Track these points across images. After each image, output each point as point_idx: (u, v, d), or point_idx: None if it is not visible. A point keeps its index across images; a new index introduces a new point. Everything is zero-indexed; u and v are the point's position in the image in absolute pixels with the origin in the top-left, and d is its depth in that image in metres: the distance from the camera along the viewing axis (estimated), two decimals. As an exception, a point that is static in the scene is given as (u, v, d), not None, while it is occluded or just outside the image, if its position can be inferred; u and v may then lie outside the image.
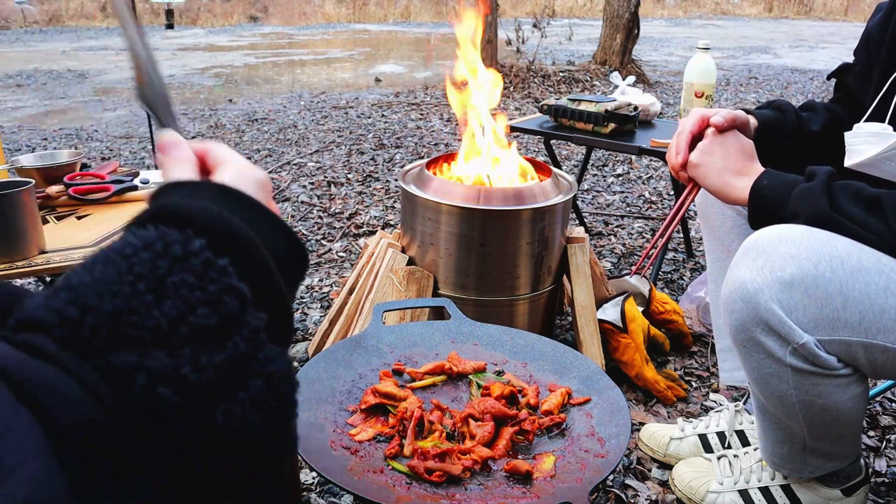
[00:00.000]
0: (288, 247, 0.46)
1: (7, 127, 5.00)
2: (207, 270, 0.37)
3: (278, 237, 0.45)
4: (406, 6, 15.66)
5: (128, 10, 0.55)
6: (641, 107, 2.39)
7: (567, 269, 1.77)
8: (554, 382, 1.04)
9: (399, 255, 1.72)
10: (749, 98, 6.23)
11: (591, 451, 0.89)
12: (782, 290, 0.93)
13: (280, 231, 0.46)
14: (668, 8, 17.58)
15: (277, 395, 0.37)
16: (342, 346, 1.08)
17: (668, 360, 1.90)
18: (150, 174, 1.68)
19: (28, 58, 8.61)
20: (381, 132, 4.68)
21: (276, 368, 0.37)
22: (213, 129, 4.79)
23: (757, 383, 1.05)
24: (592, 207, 3.20)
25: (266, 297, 0.40)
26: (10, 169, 1.66)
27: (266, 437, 0.37)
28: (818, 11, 17.21)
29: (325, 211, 3.12)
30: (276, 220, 0.46)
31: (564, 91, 6.18)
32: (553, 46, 9.35)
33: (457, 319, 1.17)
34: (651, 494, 1.40)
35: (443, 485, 0.83)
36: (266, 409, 0.36)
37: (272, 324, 0.39)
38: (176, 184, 0.46)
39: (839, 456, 1.16)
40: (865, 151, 1.05)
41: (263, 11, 14.74)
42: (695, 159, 1.13)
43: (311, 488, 1.40)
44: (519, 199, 1.60)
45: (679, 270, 2.49)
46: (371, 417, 0.95)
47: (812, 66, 8.54)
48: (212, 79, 7.24)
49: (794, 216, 1.00)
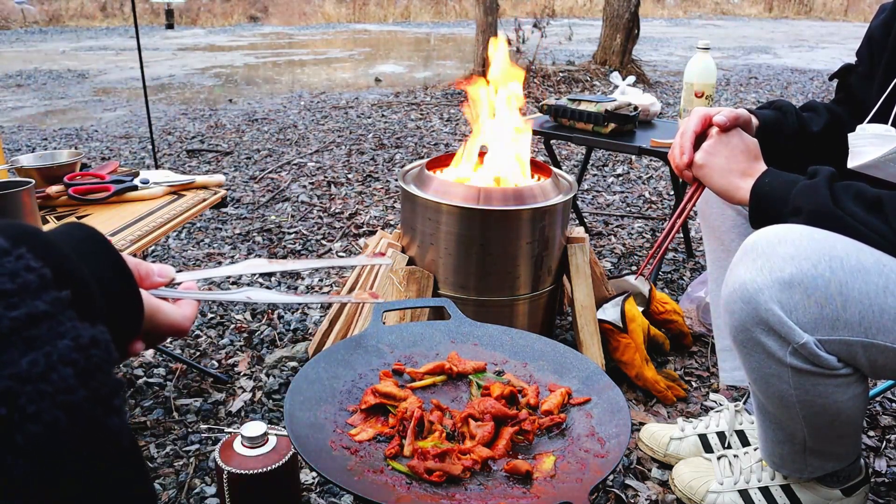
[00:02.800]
0: (119, 281, 0.52)
1: (7, 127, 5.00)
2: (5, 257, 0.41)
3: (107, 266, 0.52)
4: (406, 6, 15.65)
5: None
6: (641, 107, 2.39)
7: (567, 269, 1.77)
8: (554, 382, 1.04)
9: (399, 255, 1.72)
10: (749, 98, 6.23)
11: (591, 451, 0.89)
12: (782, 291, 0.93)
13: (111, 264, 0.52)
14: (668, 8, 17.58)
15: (88, 357, 0.40)
16: (342, 346, 1.08)
17: (668, 360, 1.90)
18: (150, 174, 1.68)
19: (28, 58, 8.61)
20: (381, 132, 4.68)
21: (84, 333, 0.40)
22: (213, 129, 4.79)
23: (757, 383, 1.05)
24: (592, 207, 3.20)
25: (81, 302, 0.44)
26: (10, 169, 1.66)
27: (85, 401, 0.39)
28: (818, 11, 17.20)
29: (325, 211, 3.12)
30: (113, 256, 0.52)
31: (564, 91, 6.18)
32: (553, 46, 9.35)
33: (457, 319, 1.17)
34: (651, 494, 1.40)
35: (443, 485, 0.83)
36: (79, 368, 0.39)
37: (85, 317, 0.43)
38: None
39: (839, 456, 1.16)
40: (869, 153, 1.04)
41: (263, 11, 14.73)
42: (699, 160, 1.13)
43: (311, 488, 1.40)
44: (519, 199, 1.60)
45: (679, 270, 2.49)
46: (371, 417, 0.95)
47: (812, 66, 8.54)
48: (212, 79, 7.24)
49: (795, 212, 1.00)
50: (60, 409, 0.37)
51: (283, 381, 1.78)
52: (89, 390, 0.39)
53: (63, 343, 0.39)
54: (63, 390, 0.38)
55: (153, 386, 1.77)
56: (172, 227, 1.51)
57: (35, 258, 0.41)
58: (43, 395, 0.37)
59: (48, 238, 0.46)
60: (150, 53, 9.00)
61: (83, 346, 0.40)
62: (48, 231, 0.49)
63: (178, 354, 1.87)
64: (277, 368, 1.84)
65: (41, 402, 0.36)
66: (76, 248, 0.50)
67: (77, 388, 0.38)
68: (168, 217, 1.52)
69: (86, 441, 0.39)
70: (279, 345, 1.97)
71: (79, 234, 0.52)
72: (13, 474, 0.36)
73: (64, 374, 0.38)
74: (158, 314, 0.59)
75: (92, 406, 0.39)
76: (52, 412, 0.37)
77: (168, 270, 0.65)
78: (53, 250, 0.45)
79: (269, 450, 1.19)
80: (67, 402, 0.38)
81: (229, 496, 1.17)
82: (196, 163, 3.95)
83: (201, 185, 1.72)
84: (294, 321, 2.09)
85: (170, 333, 0.60)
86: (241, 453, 1.18)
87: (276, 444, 1.20)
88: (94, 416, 0.39)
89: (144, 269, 0.63)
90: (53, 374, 0.37)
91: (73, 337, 0.39)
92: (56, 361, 0.38)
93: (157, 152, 4.04)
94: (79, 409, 0.38)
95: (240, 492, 1.17)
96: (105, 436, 0.41)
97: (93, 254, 0.51)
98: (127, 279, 0.53)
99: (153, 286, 0.64)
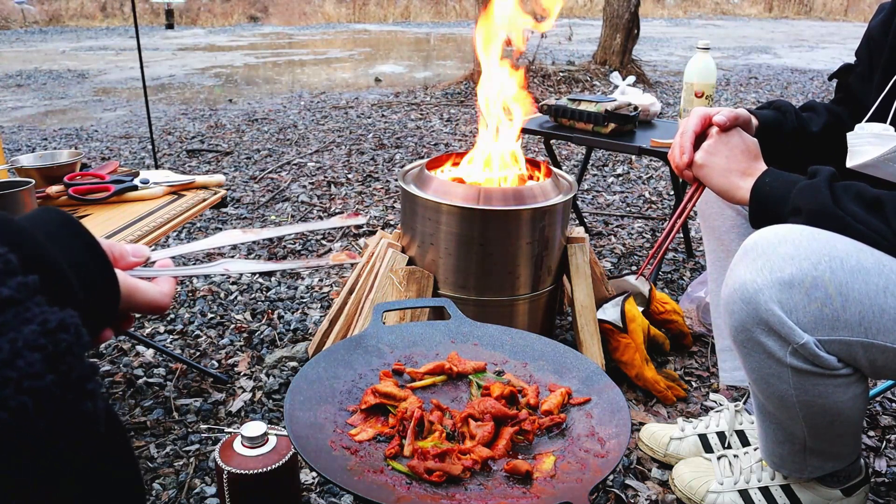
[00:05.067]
0: (93, 263, 0.52)
1: (7, 127, 5.00)
2: None
3: (81, 249, 0.51)
4: (406, 6, 15.65)
5: None
6: (641, 107, 2.39)
7: (567, 269, 1.77)
8: (554, 382, 1.04)
9: (399, 255, 1.72)
10: (749, 98, 6.23)
11: (591, 451, 0.89)
12: (782, 291, 0.93)
13: (81, 244, 0.52)
14: (668, 8, 17.57)
15: (56, 341, 0.39)
16: (342, 346, 1.08)
17: (668, 360, 1.90)
18: (150, 174, 1.68)
19: (28, 58, 8.61)
20: (381, 132, 4.68)
21: (51, 317, 0.40)
22: (213, 129, 4.79)
23: (757, 383, 1.05)
24: (592, 207, 3.20)
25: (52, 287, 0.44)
26: (10, 169, 1.66)
27: (54, 385, 0.38)
28: (818, 11, 17.20)
29: (325, 211, 3.12)
30: (83, 236, 0.52)
31: (564, 91, 6.18)
32: (553, 46, 9.36)
33: (457, 319, 1.17)
34: (651, 494, 1.40)
35: (443, 485, 0.83)
36: (47, 353, 0.38)
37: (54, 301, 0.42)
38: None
39: (839, 456, 1.16)
40: (868, 152, 1.04)
41: (263, 11, 14.73)
42: (700, 160, 1.13)
43: (311, 488, 1.40)
44: (519, 199, 1.60)
45: (679, 270, 2.49)
46: (371, 417, 0.95)
47: (812, 66, 8.54)
48: (212, 79, 7.24)
49: (795, 212, 1.00)
50: (26, 394, 0.37)
51: (283, 381, 1.78)
52: (58, 374, 0.39)
53: (29, 328, 0.38)
54: (29, 375, 0.37)
55: (153, 386, 1.77)
56: (172, 227, 1.51)
57: (0, 244, 0.41)
58: (7, 381, 0.36)
59: (16, 223, 0.45)
60: (150, 53, 9.00)
61: (50, 330, 0.39)
62: (19, 217, 0.48)
63: (178, 354, 1.87)
64: (277, 368, 1.84)
65: (5, 388, 0.36)
66: (47, 232, 0.50)
67: (45, 374, 0.38)
68: (168, 217, 1.52)
69: (58, 427, 0.39)
70: (279, 345, 1.97)
71: (50, 219, 0.52)
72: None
73: (31, 359, 0.37)
74: (136, 293, 0.59)
75: (62, 391, 0.39)
76: (17, 398, 0.36)
77: (143, 250, 0.65)
78: (21, 235, 0.44)
79: (269, 450, 1.19)
80: (34, 388, 0.37)
81: (229, 496, 1.17)
82: (196, 163, 3.95)
83: (201, 185, 1.72)
84: (294, 321, 2.09)
85: (150, 311, 0.60)
86: (241, 453, 1.18)
87: (276, 444, 1.21)
88: (65, 400, 0.39)
89: (118, 251, 0.63)
90: (19, 360, 0.37)
91: (41, 322, 0.39)
92: (22, 347, 0.37)
93: (157, 152, 4.04)
94: (47, 393, 0.38)
95: (240, 492, 1.17)
96: (79, 421, 0.40)
97: (65, 237, 0.51)
98: (101, 261, 0.53)
99: (128, 266, 0.64)
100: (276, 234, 0.83)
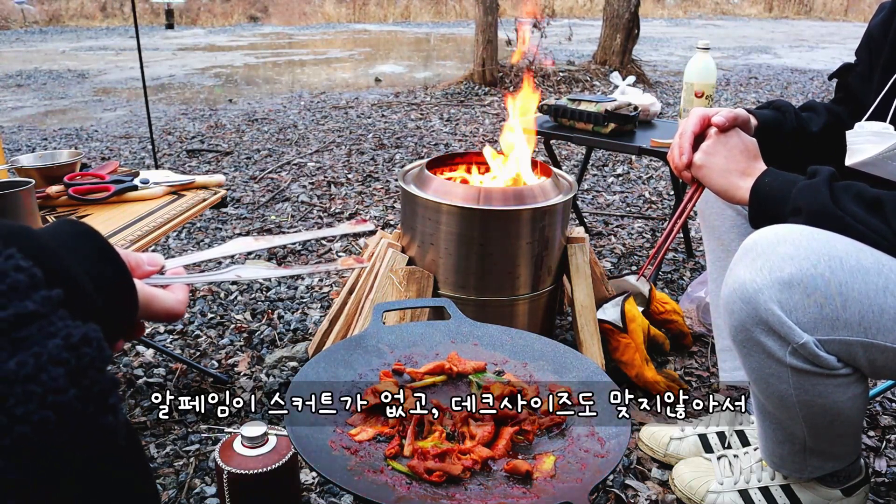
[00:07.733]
0: (113, 274, 0.52)
1: (7, 127, 5.00)
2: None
3: (100, 261, 0.52)
4: (406, 6, 15.65)
5: None
6: (641, 107, 2.39)
7: (567, 269, 1.77)
8: (554, 382, 1.04)
9: (399, 255, 1.72)
10: (749, 98, 6.23)
11: (591, 451, 0.89)
12: (782, 291, 0.93)
13: (96, 251, 0.52)
14: (668, 8, 17.57)
15: (80, 355, 0.39)
16: (342, 346, 1.08)
17: (668, 360, 1.90)
18: (150, 174, 1.68)
19: (28, 58, 8.61)
20: (381, 132, 4.68)
21: (75, 331, 0.40)
22: (213, 129, 4.79)
23: (757, 383, 1.05)
24: (592, 207, 3.20)
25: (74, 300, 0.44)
26: (10, 169, 1.66)
27: (76, 400, 0.38)
28: (818, 11, 17.20)
29: (325, 211, 3.12)
30: (102, 246, 0.52)
31: (564, 91, 6.18)
32: (553, 46, 9.35)
33: (457, 319, 1.17)
34: (651, 494, 1.40)
35: (443, 485, 0.83)
36: (70, 367, 0.39)
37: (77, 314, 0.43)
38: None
39: (839, 456, 1.16)
40: (867, 151, 1.04)
41: (263, 11, 14.73)
42: (699, 160, 1.13)
43: (311, 488, 1.40)
44: (519, 199, 1.60)
45: (679, 270, 2.49)
46: (371, 417, 0.95)
47: (812, 66, 8.54)
48: (212, 79, 7.24)
49: (795, 212, 1.00)
50: (49, 408, 0.37)
51: (283, 381, 1.78)
52: (81, 389, 0.39)
53: (53, 342, 0.39)
54: (53, 390, 0.37)
55: (153, 386, 1.77)
56: (172, 227, 1.51)
57: (25, 258, 0.41)
58: (31, 396, 0.36)
59: (39, 237, 0.45)
60: (150, 53, 9.00)
61: (74, 344, 0.39)
62: (39, 229, 0.48)
63: (178, 354, 1.88)
64: (277, 368, 1.84)
65: (29, 403, 0.36)
66: (68, 245, 0.50)
67: (68, 388, 0.38)
68: (168, 217, 1.52)
69: (79, 440, 0.39)
70: (279, 345, 1.97)
71: (70, 231, 0.52)
72: (5, 476, 0.36)
73: (54, 373, 0.38)
74: (154, 302, 0.59)
75: (84, 405, 0.39)
76: (40, 412, 0.36)
77: (157, 258, 0.66)
78: (44, 249, 0.44)
79: (269, 450, 1.19)
80: (57, 402, 0.37)
81: (229, 496, 1.17)
82: (196, 163, 3.95)
83: (201, 185, 1.72)
84: (294, 321, 2.09)
85: (166, 319, 0.61)
86: (241, 453, 1.18)
87: (276, 444, 1.21)
88: (86, 414, 0.39)
89: (134, 260, 0.64)
90: (43, 375, 0.37)
91: (65, 336, 0.39)
92: (46, 362, 0.38)
93: (157, 152, 4.04)
94: (69, 408, 0.38)
95: (240, 492, 1.17)
96: (100, 434, 0.40)
97: (85, 249, 0.51)
98: (121, 272, 0.53)
99: (145, 275, 0.64)
100: (288, 241, 0.84)
